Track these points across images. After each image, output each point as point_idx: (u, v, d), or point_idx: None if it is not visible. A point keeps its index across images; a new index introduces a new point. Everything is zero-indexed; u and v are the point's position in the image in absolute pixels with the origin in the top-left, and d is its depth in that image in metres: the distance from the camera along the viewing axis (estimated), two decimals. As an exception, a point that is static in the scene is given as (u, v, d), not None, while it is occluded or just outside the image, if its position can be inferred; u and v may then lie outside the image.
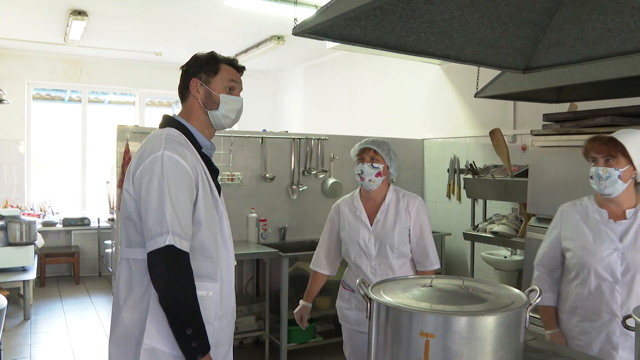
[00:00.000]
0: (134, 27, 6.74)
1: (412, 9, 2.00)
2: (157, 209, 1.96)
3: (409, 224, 3.00)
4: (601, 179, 2.38)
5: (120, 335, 2.08)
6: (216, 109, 2.22)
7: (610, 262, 2.39)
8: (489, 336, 1.61)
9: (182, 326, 1.95)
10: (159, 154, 2.00)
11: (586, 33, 2.29)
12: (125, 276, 2.08)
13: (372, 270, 2.99)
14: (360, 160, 3.00)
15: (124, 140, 4.84)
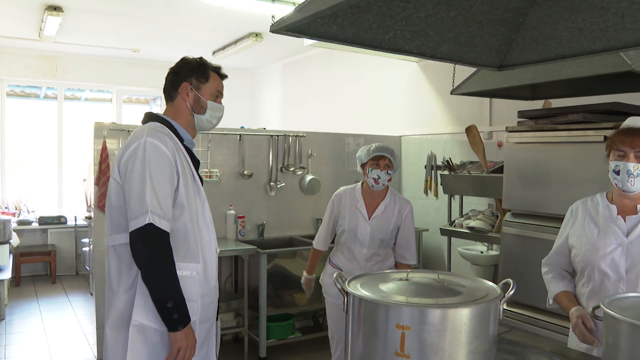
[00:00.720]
0: (110, 23, 6.69)
1: (389, 7, 2.03)
2: (139, 191, 2.11)
3: (399, 224, 3.55)
4: (630, 176, 2.21)
5: (116, 318, 2.22)
6: (203, 114, 2.42)
7: (614, 257, 2.27)
8: (463, 328, 1.65)
9: (163, 299, 2.11)
10: (142, 140, 2.17)
11: (558, 32, 2.33)
12: (114, 262, 2.23)
13: (362, 256, 3.51)
14: (376, 167, 3.47)
15: (101, 138, 4.81)
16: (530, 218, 3.63)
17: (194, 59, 2.43)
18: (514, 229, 3.69)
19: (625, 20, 2.08)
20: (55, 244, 8.30)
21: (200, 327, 2.29)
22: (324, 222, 3.69)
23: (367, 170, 3.51)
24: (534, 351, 2.22)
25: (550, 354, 2.19)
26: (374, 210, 3.52)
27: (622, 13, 2.07)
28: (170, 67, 2.45)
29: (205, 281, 2.31)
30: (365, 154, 3.54)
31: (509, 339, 2.41)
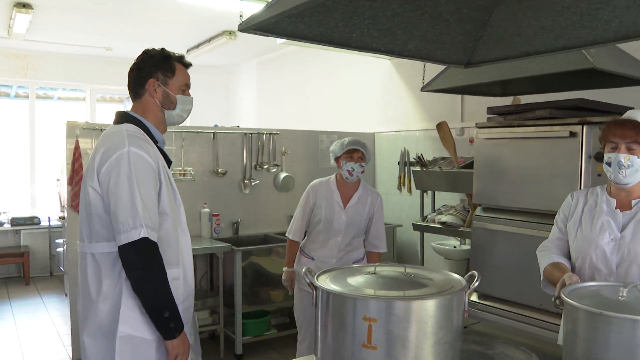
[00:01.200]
0: (82, 21, 6.63)
1: (355, 6, 2.06)
2: (129, 204, 2.07)
3: (371, 214, 3.80)
4: (622, 168, 2.19)
5: (95, 326, 2.19)
6: (173, 109, 2.35)
7: (606, 252, 2.26)
8: (429, 319, 1.69)
9: (160, 310, 2.11)
10: (125, 150, 2.11)
11: (523, 30, 2.39)
12: (93, 270, 2.19)
13: (336, 245, 3.73)
14: (350, 159, 3.67)
15: (73, 137, 4.78)
16: (500, 212, 3.70)
17: (157, 51, 2.37)
18: (484, 223, 3.75)
19: (584, 19, 2.15)
20: (28, 245, 8.21)
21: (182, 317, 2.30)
22: (298, 213, 3.82)
23: (341, 163, 3.70)
24: (501, 341, 2.27)
25: (517, 343, 2.24)
26: (348, 201, 3.74)
27: (581, 12, 2.13)
28: (132, 63, 2.38)
29: (186, 284, 2.32)
30: (339, 147, 3.70)
31: (477, 330, 2.46)
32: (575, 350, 1.73)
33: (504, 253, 3.62)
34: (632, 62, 3.30)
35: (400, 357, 1.67)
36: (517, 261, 3.52)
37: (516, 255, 3.53)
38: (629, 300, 1.72)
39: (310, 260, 3.76)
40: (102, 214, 2.15)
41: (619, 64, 3.12)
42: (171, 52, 2.39)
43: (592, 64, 2.80)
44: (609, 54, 3.09)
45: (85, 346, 2.22)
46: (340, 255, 3.72)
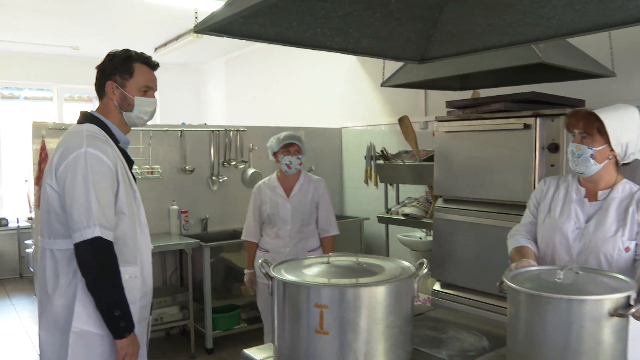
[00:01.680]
0: (49, 20, 6.60)
1: (308, 6, 2.13)
2: (84, 203, 2.11)
3: (317, 200, 3.97)
4: (574, 156, 2.29)
5: (49, 321, 2.23)
6: (131, 111, 2.37)
7: (569, 239, 2.33)
8: (378, 305, 1.78)
9: (111, 309, 2.15)
10: (82, 150, 2.15)
11: (472, 27, 2.49)
12: (51, 266, 2.23)
13: (287, 234, 3.89)
14: (287, 153, 3.87)
15: (39, 137, 4.79)
16: (460, 203, 3.81)
17: (120, 53, 2.39)
18: (445, 214, 3.86)
19: (527, 17, 2.25)
20: (-4, 246, 8.15)
21: (138, 327, 2.33)
22: (249, 214, 4.03)
23: (279, 157, 3.90)
24: (454, 326, 2.37)
25: (469, 328, 2.34)
26: (291, 191, 3.95)
27: (524, 10, 2.23)
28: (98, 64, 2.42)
29: (143, 283, 2.36)
30: (276, 143, 3.91)
31: (432, 316, 2.56)
32: (517, 331, 1.83)
33: (464, 243, 3.73)
34: (581, 57, 3.42)
35: (352, 342, 1.76)
36: (476, 250, 3.64)
37: (475, 244, 3.64)
38: (566, 282, 1.82)
39: (265, 253, 3.92)
40: (59, 212, 2.19)
41: (568, 58, 3.23)
42: (134, 53, 2.40)
43: (541, 59, 2.91)
44: (558, 49, 3.20)
45: (41, 340, 2.26)
46: (293, 243, 3.86)
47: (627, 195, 2.31)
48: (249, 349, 2.12)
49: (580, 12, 2.07)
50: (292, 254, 3.74)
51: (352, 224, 5.93)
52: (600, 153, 2.25)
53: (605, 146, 2.25)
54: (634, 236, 2.25)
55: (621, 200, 2.31)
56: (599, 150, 2.24)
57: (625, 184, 2.35)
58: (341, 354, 1.76)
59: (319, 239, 4.01)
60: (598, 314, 1.67)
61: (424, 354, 2.03)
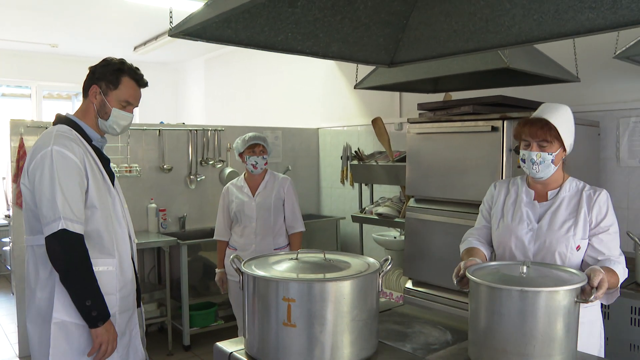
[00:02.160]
0: (27, 17, 6.59)
1: (278, 12, 2.23)
2: (50, 198, 2.21)
3: (283, 197, 4.06)
4: (534, 164, 2.34)
5: (34, 313, 2.35)
6: (106, 120, 2.46)
7: (524, 241, 2.40)
8: (343, 299, 1.87)
9: (82, 299, 2.24)
10: (49, 149, 2.26)
11: (437, 33, 2.59)
12: (32, 261, 2.35)
13: (252, 230, 3.99)
14: (252, 153, 3.97)
15: (18, 135, 4.82)
16: (431, 203, 3.90)
17: (114, 62, 2.47)
18: (417, 214, 3.95)
19: (489, 25, 2.36)
20: (-27, 244, 8.12)
21: (120, 318, 2.44)
22: (218, 214, 4.17)
23: (245, 158, 4.01)
24: (420, 321, 2.47)
25: (434, 323, 2.44)
26: (256, 189, 4.06)
27: (486, 19, 2.35)
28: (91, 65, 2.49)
29: (122, 274, 2.44)
30: (242, 144, 4.02)
31: (400, 311, 2.65)
32: (478, 322, 1.92)
33: (435, 241, 3.83)
34: (547, 62, 3.55)
35: (318, 334, 1.85)
36: (446, 249, 3.73)
37: (446, 243, 3.73)
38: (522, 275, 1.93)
39: (233, 251, 4.03)
40: (34, 209, 2.30)
41: (533, 63, 3.35)
42: (128, 67, 2.48)
43: (506, 64, 3.02)
44: (524, 55, 3.32)
45: (28, 332, 2.38)
46: (258, 240, 3.97)
47: (575, 193, 2.41)
48: (222, 342, 2.19)
49: (538, 21, 2.19)
50: (257, 251, 3.84)
51: (328, 223, 6.03)
52: (557, 157, 2.34)
53: (560, 149, 2.34)
54: (586, 235, 2.34)
55: (570, 198, 2.40)
56: (557, 154, 2.33)
57: (572, 181, 2.44)
58: (308, 346, 1.84)
59: (287, 237, 4.11)
60: (553, 304, 1.79)
61: (389, 347, 2.12)
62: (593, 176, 3.89)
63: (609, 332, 3.18)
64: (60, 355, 2.29)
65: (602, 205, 2.36)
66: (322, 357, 1.85)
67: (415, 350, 2.09)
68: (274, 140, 6.12)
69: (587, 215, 2.35)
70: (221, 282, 4.12)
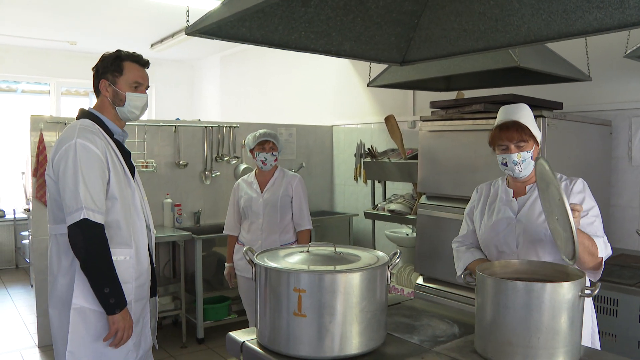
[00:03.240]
0: (47, 15, 6.71)
1: (292, 11, 2.28)
2: (72, 189, 2.32)
3: (290, 193, 4.08)
4: (517, 164, 2.39)
5: (56, 299, 2.46)
6: (122, 106, 2.57)
7: (507, 235, 2.46)
8: (353, 290, 1.92)
9: (101, 286, 2.35)
10: (73, 142, 2.37)
11: (448, 32, 2.64)
12: (55, 249, 2.46)
13: (259, 226, 4.03)
14: (262, 150, 4.00)
15: (38, 130, 4.92)
16: (442, 200, 3.94)
17: (110, 53, 2.58)
18: (428, 211, 3.99)
19: (499, 24, 2.40)
20: (-7, 237, 8.27)
21: (135, 306, 2.53)
22: (229, 209, 4.24)
23: (255, 154, 4.05)
24: (428, 315, 2.52)
25: (442, 316, 2.49)
26: (265, 186, 4.09)
27: (496, 18, 2.39)
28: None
29: (138, 263, 2.54)
30: (252, 140, 4.05)
31: (408, 305, 2.70)
32: (484, 315, 1.97)
33: (446, 238, 3.84)
34: (558, 61, 3.57)
35: (328, 324, 1.90)
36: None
37: (456, 239, 3.77)
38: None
39: (241, 246, 4.07)
40: (58, 199, 2.41)
41: (544, 62, 3.38)
42: (124, 53, 2.59)
43: (517, 63, 3.05)
44: (535, 54, 3.34)
45: (50, 317, 2.49)
46: (264, 236, 4.00)
47: None
48: (234, 332, 2.25)
49: (546, 21, 2.23)
50: (263, 248, 3.86)
51: (341, 220, 6.09)
52: (534, 153, 2.43)
53: (534, 145, 2.43)
54: None
55: None
56: (533, 150, 2.42)
57: None
58: (318, 335, 1.90)
59: (294, 234, 4.13)
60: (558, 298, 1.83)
61: (397, 338, 2.17)
62: (604, 175, 3.91)
63: (617, 330, 3.21)
64: (78, 340, 2.40)
65: (578, 193, 2.41)
66: (331, 346, 1.91)
67: (423, 342, 2.13)
68: (288, 137, 6.19)
69: None
70: (229, 276, 4.18)
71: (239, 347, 2.14)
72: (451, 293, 3.81)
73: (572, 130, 3.56)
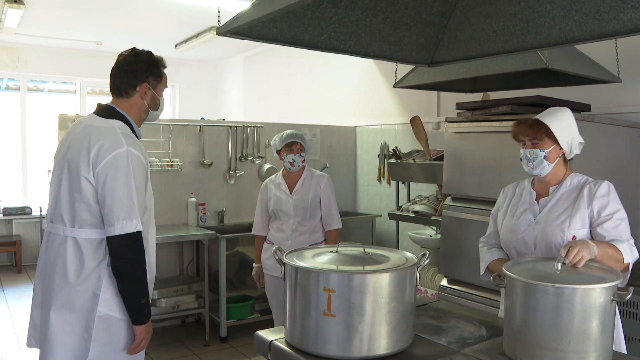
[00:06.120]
0: (73, 16, 6.81)
1: (322, 12, 2.30)
2: (125, 200, 2.30)
3: (319, 194, 4.06)
4: (529, 161, 2.44)
5: (63, 304, 2.36)
6: (156, 110, 2.60)
7: (525, 237, 2.49)
8: (382, 290, 1.93)
9: (139, 297, 2.36)
10: (124, 149, 2.33)
11: (477, 33, 2.63)
12: (74, 253, 2.36)
13: (289, 227, 4.03)
14: (290, 151, 3.98)
15: (65, 129, 4.98)
16: (467, 202, 3.92)
17: (148, 55, 2.53)
18: (453, 212, 3.98)
19: (529, 26, 2.39)
20: (20, 234, 8.37)
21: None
22: (257, 210, 4.21)
23: (282, 155, 4.02)
24: (455, 316, 2.51)
25: (469, 318, 2.48)
26: (294, 187, 4.07)
27: (526, 19, 2.38)
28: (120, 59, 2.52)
29: (149, 270, 2.50)
30: (279, 141, 4.02)
31: (435, 306, 2.70)
32: (513, 318, 1.96)
33: (471, 240, 3.83)
34: (587, 62, 3.54)
35: (357, 324, 1.91)
36: (481, 247, 3.75)
37: (481, 241, 3.76)
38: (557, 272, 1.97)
39: (270, 245, 4.07)
40: (92, 204, 2.33)
41: (572, 64, 3.35)
42: (160, 58, 2.58)
43: (546, 64, 3.04)
44: (564, 55, 3.32)
45: (51, 320, 2.36)
46: (294, 236, 4.00)
47: (576, 187, 2.48)
48: (262, 331, 2.26)
49: (579, 22, 2.21)
50: (293, 247, 3.85)
51: (364, 221, 6.08)
52: (551, 153, 2.42)
53: (554, 146, 2.42)
54: (585, 226, 2.40)
55: (570, 192, 2.48)
56: (550, 150, 2.42)
57: (574, 177, 2.51)
58: (347, 335, 1.91)
59: (323, 234, 4.13)
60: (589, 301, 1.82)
61: (425, 339, 2.17)
62: (633, 178, 3.86)
63: (637, 333, 3.18)
64: (100, 347, 2.35)
65: (603, 196, 2.40)
66: (360, 346, 1.91)
67: (450, 344, 2.13)
68: (311, 137, 6.20)
69: (587, 208, 2.40)
70: (257, 276, 4.19)
71: (267, 346, 2.15)
72: (476, 295, 3.79)
73: (601, 133, 3.53)
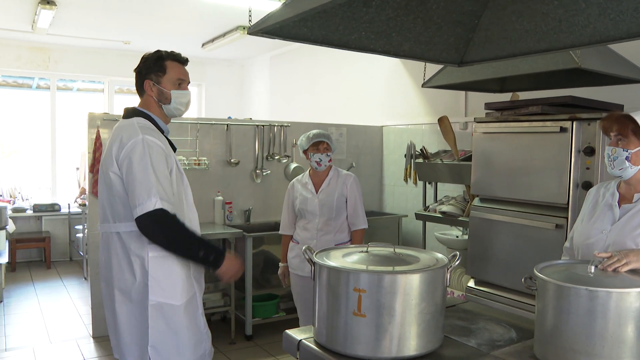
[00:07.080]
0: (102, 16, 6.89)
1: (353, 12, 2.29)
2: (143, 180, 2.37)
3: (345, 194, 4.06)
4: (609, 159, 2.25)
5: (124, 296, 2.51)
6: (169, 104, 2.64)
7: (594, 243, 2.33)
8: (412, 291, 1.92)
9: (195, 254, 2.49)
10: (139, 138, 2.43)
11: (508, 33, 2.60)
12: (120, 247, 2.49)
13: (315, 226, 4.04)
14: (317, 151, 4.00)
15: (95, 127, 5.06)
16: (495, 203, 3.89)
17: (151, 54, 2.65)
18: (481, 213, 3.95)
19: (562, 25, 2.36)
20: (49, 230, 8.51)
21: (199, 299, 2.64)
22: (284, 209, 4.26)
23: (309, 155, 4.05)
24: (484, 318, 2.49)
25: (498, 320, 2.46)
26: (320, 186, 4.08)
27: (559, 18, 2.34)
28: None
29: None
30: (306, 141, 4.05)
31: (464, 308, 2.68)
32: (545, 320, 1.94)
33: (499, 241, 3.82)
34: (620, 62, 3.48)
35: (387, 325, 1.90)
36: (510, 249, 3.72)
37: (510, 243, 3.72)
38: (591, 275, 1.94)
39: (295, 245, 4.11)
40: (123, 195, 2.45)
41: (605, 63, 3.30)
42: (164, 52, 2.66)
43: (578, 64, 3.00)
44: (596, 54, 3.27)
45: (117, 312, 2.52)
46: (319, 235, 4.01)
47: None
48: (291, 330, 2.27)
49: (615, 20, 2.17)
50: (318, 246, 3.86)
51: (391, 221, 6.06)
52: (636, 155, 2.22)
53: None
54: None
55: None
56: (635, 152, 2.22)
57: None
58: (377, 336, 1.90)
59: (349, 234, 4.13)
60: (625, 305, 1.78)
61: (454, 341, 2.16)
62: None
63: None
64: (158, 334, 2.47)
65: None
66: (389, 347, 1.90)
67: (480, 346, 2.11)
68: (338, 137, 6.20)
69: None
70: (283, 276, 4.23)
71: (296, 345, 2.16)
72: (505, 297, 3.76)
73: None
